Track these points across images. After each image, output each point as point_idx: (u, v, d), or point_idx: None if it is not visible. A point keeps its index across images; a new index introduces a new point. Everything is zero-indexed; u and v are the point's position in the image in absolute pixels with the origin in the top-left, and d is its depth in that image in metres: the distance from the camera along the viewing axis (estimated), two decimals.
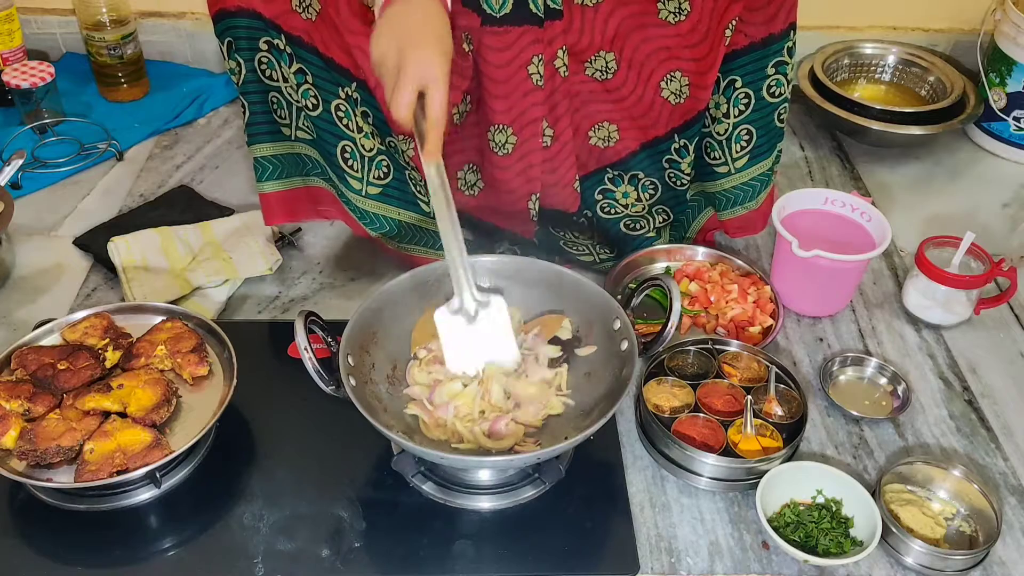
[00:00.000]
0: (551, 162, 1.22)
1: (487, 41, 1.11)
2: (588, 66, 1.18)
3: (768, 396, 1.12)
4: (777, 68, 1.19)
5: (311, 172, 1.23)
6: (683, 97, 1.20)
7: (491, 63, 1.12)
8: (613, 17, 1.15)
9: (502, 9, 1.10)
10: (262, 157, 1.20)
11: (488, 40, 1.11)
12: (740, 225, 1.33)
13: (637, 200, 1.30)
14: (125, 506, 1.00)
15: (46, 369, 1.04)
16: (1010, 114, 1.67)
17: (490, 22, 1.11)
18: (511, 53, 1.12)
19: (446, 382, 1.03)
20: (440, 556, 0.97)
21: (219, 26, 1.10)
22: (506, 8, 1.10)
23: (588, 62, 1.18)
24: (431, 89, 0.93)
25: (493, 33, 1.11)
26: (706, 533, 1.02)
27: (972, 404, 1.20)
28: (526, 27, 1.11)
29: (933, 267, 1.25)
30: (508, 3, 1.10)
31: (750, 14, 1.15)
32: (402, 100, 0.92)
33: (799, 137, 1.73)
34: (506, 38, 1.12)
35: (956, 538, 1.02)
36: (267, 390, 1.13)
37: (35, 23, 1.79)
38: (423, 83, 0.92)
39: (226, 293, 1.30)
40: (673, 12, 1.15)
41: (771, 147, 1.25)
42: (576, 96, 1.20)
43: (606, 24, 1.16)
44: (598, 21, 1.15)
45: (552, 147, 1.21)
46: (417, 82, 0.92)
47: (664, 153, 1.26)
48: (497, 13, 1.11)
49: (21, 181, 1.51)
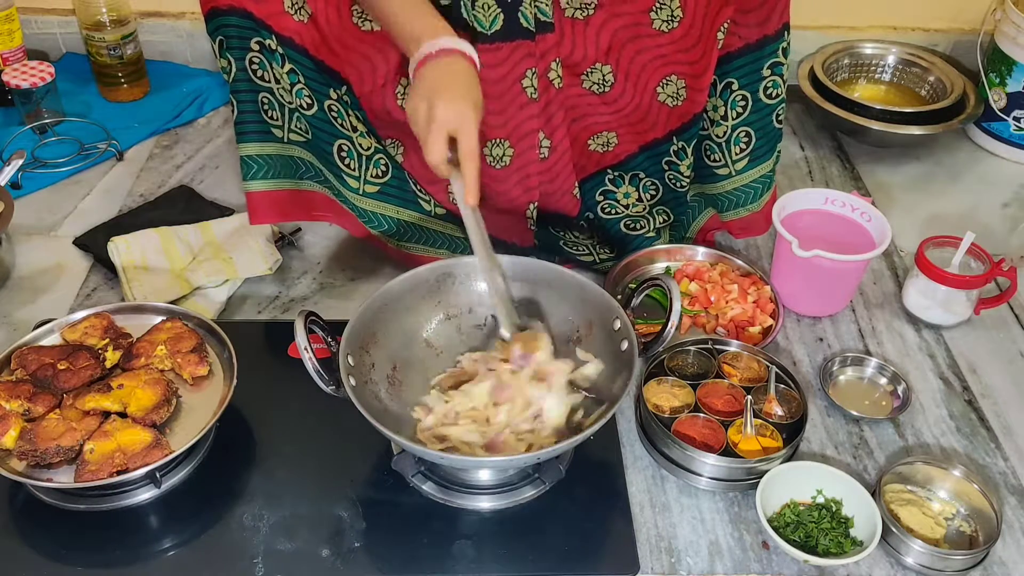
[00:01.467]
0: (549, 172, 1.23)
1: (479, 58, 1.12)
2: (585, 79, 1.19)
3: (768, 396, 1.12)
4: (773, 69, 1.19)
5: (304, 176, 1.22)
6: (680, 100, 1.20)
7: (484, 80, 1.12)
8: (605, 30, 1.16)
9: (492, 26, 1.11)
10: (249, 156, 1.19)
11: (480, 57, 1.11)
12: (743, 226, 1.33)
13: (638, 200, 1.30)
14: (125, 506, 1.00)
15: (46, 369, 1.04)
16: (1010, 114, 1.67)
17: (481, 39, 1.11)
18: (504, 68, 1.13)
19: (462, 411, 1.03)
20: (440, 556, 0.97)
21: (211, 24, 1.10)
22: (496, 25, 1.11)
23: (585, 75, 1.18)
24: (461, 133, 0.97)
25: (485, 50, 1.11)
26: (706, 533, 1.02)
27: (972, 404, 1.20)
28: (518, 42, 1.12)
29: (933, 267, 1.25)
30: (498, 20, 1.10)
31: (743, 16, 1.16)
32: (434, 146, 0.97)
33: (799, 137, 1.73)
34: (498, 54, 1.12)
35: (956, 538, 1.02)
36: (267, 390, 1.13)
37: (35, 23, 1.79)
38: (453, 128, 0.97)
39: (226, 293, 1.30)
40: (666, 20, 1.15)
41: (771, 149, 1.25)
42: (574, 108, 1.21)
43: (598, 37, 1.16)
44: (590, 34, 1.16)
45: (550, 158, 1.21)
46: (447, 127, 0.97)
47: (663, 155, 1.26)
48: (488, 30, 1.11)
49: (21, 181, 1.51)
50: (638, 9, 1.15)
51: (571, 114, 1.21)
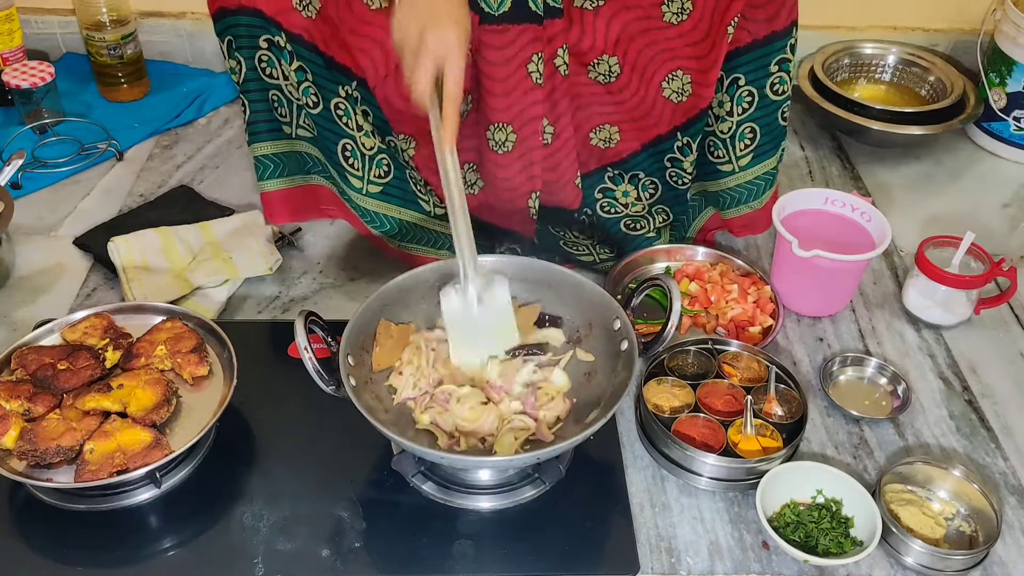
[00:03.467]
0: (552, 159, 1.22)
1: (486, 39, 1.11)
2: (591, 69, 1.18)
3: (768, 396, 1.12)
4: (780, 65, 1.19)
5: (312, 170, 1.23)
6: (685, 95, 1.20)
7: (490, 61, 1.12)
8: (615, 21, 1.15)
9: (501, 7, 1.10)
10: (263, 156, 1.20)
11: (487, 39, 1.11)
12: (744, 224, 1.33)
13: (637, 199, 1.30)
14: (125, 506, 1.00)
15: (46, 369, 1.04)
16: (1010, 114, 1.67)
17: (489, 20, 1.11)
18: (511, 51, 1.12)
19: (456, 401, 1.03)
20: (440, 556, 0.97)
21: (219, 25, 1.10)
22: (505, 7, 1.10)
23: (591, 65, 1.18)
24: (448, 65, 0.96)
25: (492, 31, 1.11)
26: (706, 533, 1.02)
27: (972, 404, 1.20)
28: (526, 25, 1.11)
29: (933, 267, 1.25)
30: (507, 1, 1.10)
31: (753, 11, 1.15)
32: (421, 76, 0.96)
33: (799, 137, 1.73)
34: (505, 36, 1.12)
35: (956, 538, 1.02)
36: (267, 390, 1.13)
37: (35, 23, 1.79)
38: (441, 59, 0.96)
39: (226, 293, 1.30)
40: (676, 13, 1.15)
41: (775, 146, 1.25)
42: (578, 97, 1.20)
43: (608, 27, 1.16)
44: (599, 24, 1.15)
45: (553, 144, 1.21)
46: (436, 58, 0.96)
47: (667, 152, 1.26)
48: (496, 11, 1.11)
49: (21, 181, 1.51)
50: (650, 2, 1.15)
51: (575, 103, 1.20)
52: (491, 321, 1.05)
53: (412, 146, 1.24)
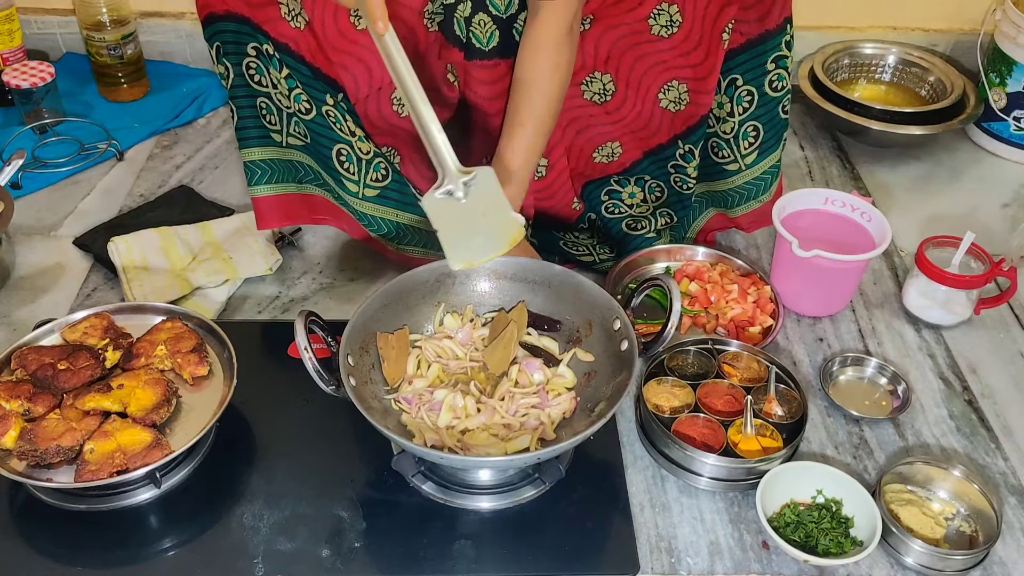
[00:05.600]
0: (547, 190, 1.23)
1: (476, 74, 1.11)
2: (585, 89, 1.18)
3: (768, 396, 1.12)
4: (777, 63, 1.19)
5: (305, 179, 1.22)
6: (683, 104, 1.20)
7: (481, 96, 1.12)
8: (604, 40, 1.16)
9: (490, 43, 1.11)
10: (252, 161, 1.19)
11: (477, 73, 1.11)
12: (754, 219, 1.33)
13: (643, 200, 1.30)
14: (125, 506, 1.00)
15: (46, 369, 1.04)
16: (1010, 114, 1.67)
17: (479, 56, 1.11)
18: (502, 85, 1.13)
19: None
20: (440, 556, 0.97)
21: (208, 30, 1.10)
22: (493, 41, 1.11)
23: (584, 84, 1.18)
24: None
25: (482, 67, 1.11)
26: (706, 533, 1.02)
27: (972, 404, 1.20)
28: (514, 59, 1.11)
29: (933, 267, 1.25)
30: (495, 36, 1.10)
31: (743, 12, 1.15)
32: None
33: (799, 137, 1.72)
34: (496, 71, 1.12)
35: (956, 538, 1.02)
36: (267, 390, 1.13)
37: (35, 23, 1.79)
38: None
39: (226, 293, 1.30)
40: (665, 26, 1.15)
41: (778, 139, 1.25)
42: (577, 120, 1.20)
43: (596, 47, 1.16)
44: (587, 44, 1.16)
45: (548, 176, 1.21)
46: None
47: (669, 159, 1.26)
48: (486, 47, 1.11)
49: (21, 181, 1.51)
50: (636, 18, 1.15)
51: (574, 126, 1.20)
52: (483, 215, 0.97)
53: (397, 160, 1.24)
